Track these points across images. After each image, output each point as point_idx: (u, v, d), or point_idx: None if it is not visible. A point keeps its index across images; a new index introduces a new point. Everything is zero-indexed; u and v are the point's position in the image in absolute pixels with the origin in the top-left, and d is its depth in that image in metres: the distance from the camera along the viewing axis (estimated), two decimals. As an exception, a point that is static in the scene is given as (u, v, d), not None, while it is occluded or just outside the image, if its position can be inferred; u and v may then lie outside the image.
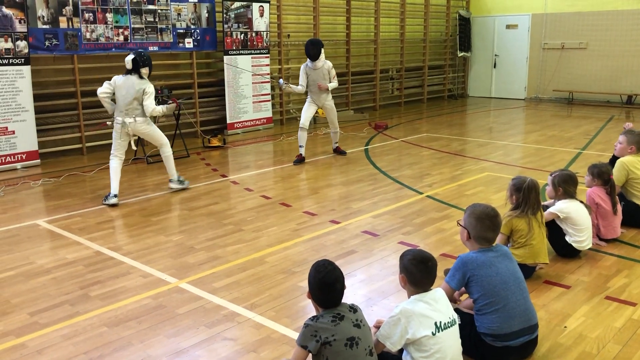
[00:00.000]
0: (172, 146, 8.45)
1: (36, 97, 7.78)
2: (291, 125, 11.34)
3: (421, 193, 6.19)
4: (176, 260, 4.40)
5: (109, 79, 8.71)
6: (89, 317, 3.51)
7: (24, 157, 7.64)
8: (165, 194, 6.33)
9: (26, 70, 7.53)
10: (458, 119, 12.25)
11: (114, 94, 6.07)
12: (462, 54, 15.50)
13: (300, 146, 7.84)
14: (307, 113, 7.88)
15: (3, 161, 7.44)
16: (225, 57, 9.87)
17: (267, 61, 10.65)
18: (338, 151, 8.39)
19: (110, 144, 8.74)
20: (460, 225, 3.11)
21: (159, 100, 8.03)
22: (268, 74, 7.61)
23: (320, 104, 7.91)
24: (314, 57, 7.68)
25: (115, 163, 6.08)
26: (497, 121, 11.70)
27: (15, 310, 3.61)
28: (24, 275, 4.15)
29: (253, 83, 10.43)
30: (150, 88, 6.01)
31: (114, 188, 5.96)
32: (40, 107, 7.94)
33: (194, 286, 3.93)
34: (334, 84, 7.84)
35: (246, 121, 10.45)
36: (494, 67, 15.56)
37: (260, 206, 5.83)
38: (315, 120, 11.52)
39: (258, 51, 10.44)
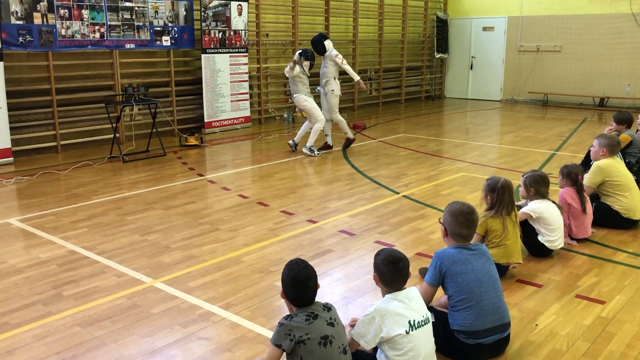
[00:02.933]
0: (148, 144, 8.48)
1: (9, 94, 7.64)
2: (270, 124, 11.33)
3: (398, 193, 6.24)
4: (151, 260, 4.37)
5: (85, 76, 8.70)
6: (61, 317, 3.47)
7: (-4, 154, 7.51)
8: (141, 193, 6.27)
9: (-1, 66, 7.41)
10: (435, 119, 12.36)
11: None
12: (439, 55, 15.65)
13: (326, 135, 8.57)
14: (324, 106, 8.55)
15: (-26, 159, 7.31)
16: (203, 56, 9.82)
17: (245, 60, 10.62)
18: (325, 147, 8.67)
19: (84, 142, 8.71)
20: (440, 222, 3.18)
21: (135, 98, 7.99)
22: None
23: (326, 90, 8.42)
24: (321, 52, 8.28)
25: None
26: (473, 122, 11.84)
27: (-15, 310, 3.55)
28: (-5, 275, 4.08)
29: (231, 82, 10.39)
30: None
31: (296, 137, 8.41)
32: (13, 104, 7.80)
33: (169, 286, 3.91)
34: (350, 71, 8.36)
35: (224, 120, 10.40)
36: (471, 68, 15.73)
37: (237, 205, 5.81)
38: (294, 120, 11.54)
39: (236, 50, 10.41)
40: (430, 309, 2.94)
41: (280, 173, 7.22)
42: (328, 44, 8.24)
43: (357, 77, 8.43)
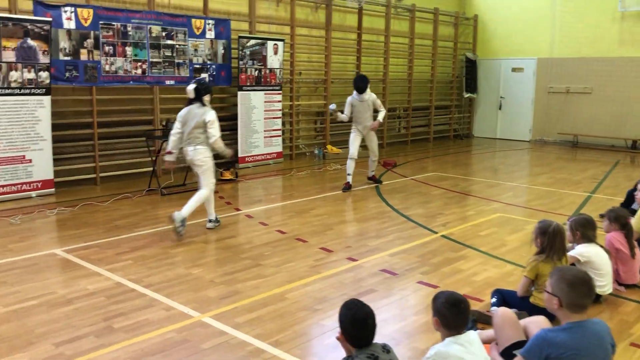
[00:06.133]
0: (185, 178, 8.62)
1: (54, 127, 7.88)
2: (300, 160, 11.45)
3: (436, 232, 6.23)
4: (197, 294, 4.41)
5: (126, 110, 8.95)
6: (114, 349, 3.51)
7: (39, 185, 7.69)
8: (181, 227, 6.35)
9: (46, 100, 7.66)
10: (465, 159, 12.37)
11: None
12: (468, 95, 15.75)
13: (348, 174, 8.42)
14: (355, 144, 8.47)
15: (19, 189, 7.50)
16: (239, 93, 10.03)
17: (279, 97, 10.82)
18: (373, 179, 8.88)
19: (121, 175, 8.89)
20: (548, 292, 2.81)
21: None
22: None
23: (365, 133, 8.48)
24: (362, 90, 8.27)
25: None
26: (504, 162, 11.81)
27: (40, 340, 3.61)
28: (46, 305, 4.16)
29: (265, 119, 10.58)
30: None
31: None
32: (57, 137, 8.03)
33: (217, 321, 3.94)
34: (382, 112, 8.50)
35: (257, 155, 10.56)
36: (500, 108, 15.77)
37: (276, 241, 5.86)
38: (324, 156, 11.65)
39: (271, 88, 10.62)
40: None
41: (316, 209, 7.27)
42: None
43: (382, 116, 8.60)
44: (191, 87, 6.05)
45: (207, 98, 6.12)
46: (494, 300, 4.09)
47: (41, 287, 4.51)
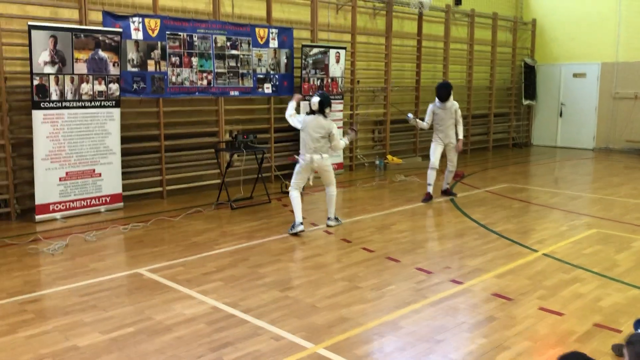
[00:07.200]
0: (253, 190, 8.36)
1: (121, 140, 7.70)
2: (360, 171, 11.11)
3: (535, 250, 5.78)
4: (302, 321, 4.08)
5: (191, 122, 8.74)
6: (232, 386, 3.20)
7: (108, 200, 7.51)
8: (262, 242, 6.06)
9: (116, 112, 7.49)
10: (532, 168, 11.83)
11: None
12: (527, 102, 15.18)
13: (429, 184, 8.13)
14: (435, 153, 8.13)
15: (88, 204, 7.33)
16: (301, 103, 9.74)
17: (340, 107, 10.51)
18: (447, 192, 8.50)
19: (186, 188, 8.67)
20: None
21: (243, 145, 7.89)
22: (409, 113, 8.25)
23: (446, 142, 8.12)
24: (445, 98, 8.02)
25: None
26: (576, 172, 11.23)
27: (150, 374, 3.32)
28: (145, 333, 3.87)
29: (327, 128, 10.25)
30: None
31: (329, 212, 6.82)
32: (124, 150, 7.85)
33: (335, 353, 3.58)
34: (461, 128, 8.17)
35: (319, 167, 10.22)
36: (560, 115, 15.15)
37: (366, 260, 5.50)
38: (385, 166, 11.27)
39: (333, 97, 10.30)
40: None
41: (396, 224, 6.89)
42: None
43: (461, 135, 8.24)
44: (316, 100, 6.47)
45: (328, 110, 6.54)
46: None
47: (135, 312, 4.24)
